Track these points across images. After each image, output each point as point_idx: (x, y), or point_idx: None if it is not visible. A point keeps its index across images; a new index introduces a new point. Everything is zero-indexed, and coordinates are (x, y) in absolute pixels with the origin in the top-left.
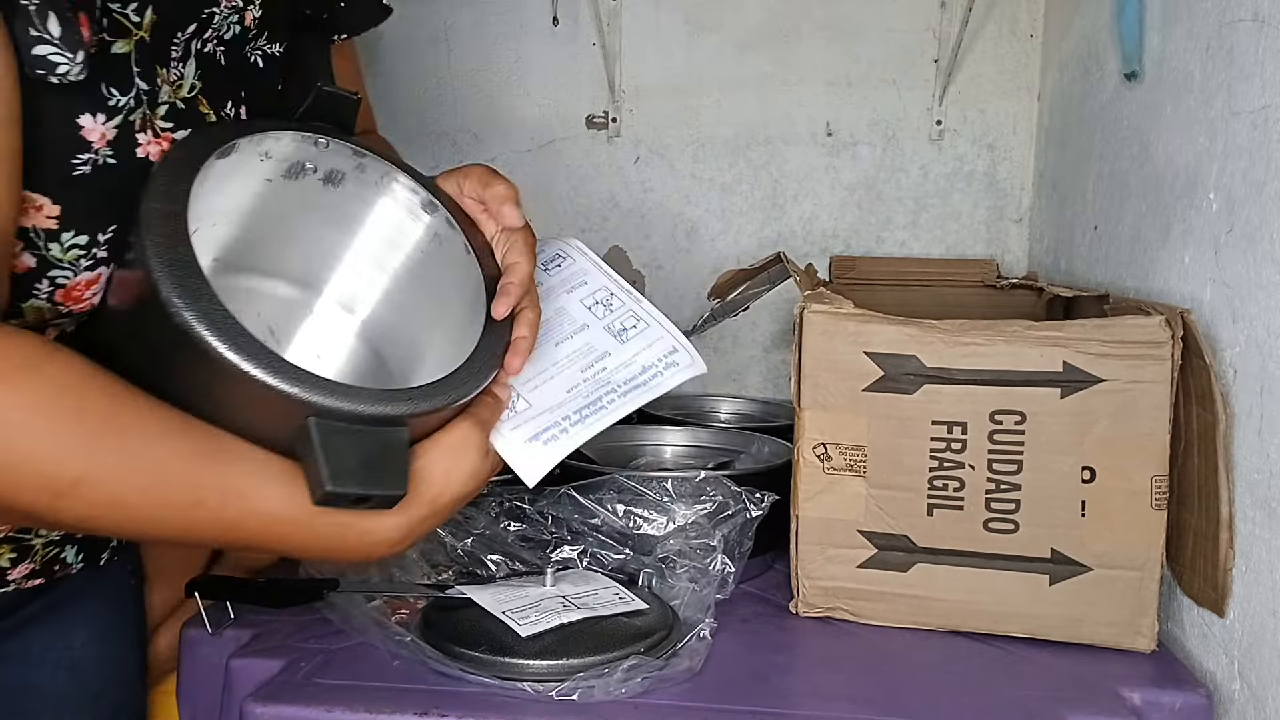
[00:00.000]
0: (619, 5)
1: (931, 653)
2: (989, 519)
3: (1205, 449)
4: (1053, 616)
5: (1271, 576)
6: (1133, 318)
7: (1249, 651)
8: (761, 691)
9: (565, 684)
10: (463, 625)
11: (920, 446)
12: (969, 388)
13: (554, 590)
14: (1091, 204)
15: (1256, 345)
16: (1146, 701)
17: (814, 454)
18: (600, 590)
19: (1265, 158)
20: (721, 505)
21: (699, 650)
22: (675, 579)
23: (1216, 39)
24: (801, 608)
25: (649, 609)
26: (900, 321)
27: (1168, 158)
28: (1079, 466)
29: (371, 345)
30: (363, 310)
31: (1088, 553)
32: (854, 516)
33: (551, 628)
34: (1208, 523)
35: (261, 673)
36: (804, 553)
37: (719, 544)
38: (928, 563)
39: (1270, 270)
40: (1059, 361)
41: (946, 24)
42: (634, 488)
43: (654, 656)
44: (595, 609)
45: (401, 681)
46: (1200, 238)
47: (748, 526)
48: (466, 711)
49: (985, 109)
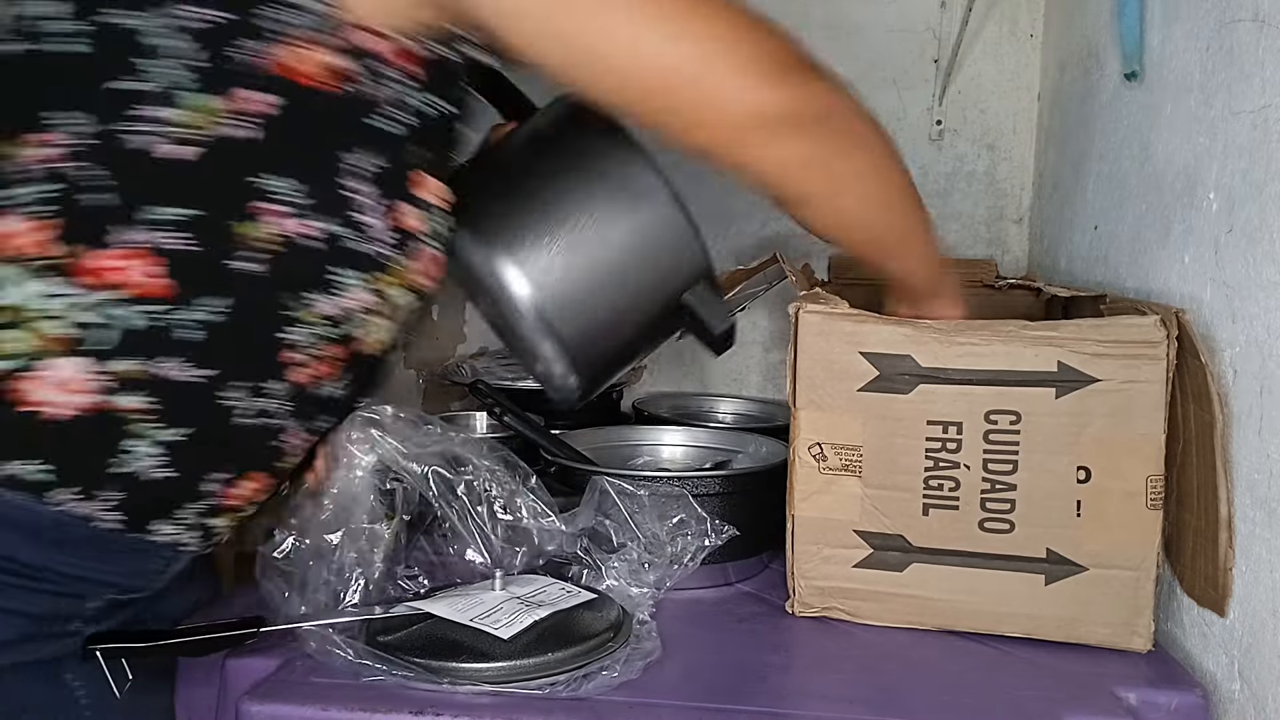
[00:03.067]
0: None
1: (928, 652)
2: (984, 519)
3: (1203, 449)
4: (1049, 616)
5: (1271, 576)
6: (1128, 317)
7: (1249, 651)
8: (759, 691)
9: (561, 676)
10: (429, 639)
11: (915, 446)
12: (964, 388)
13: (506, 593)
14: (1091, 204)
15: (1256, 345)
16: (1143, 701)
17: (809, 454)
18: (547, 587)
19: (1265, 158)
20: (682, 524)
21: (653, 632)
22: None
23: (1216, 39)
24: (797, 607)
25: (598, 599)
26: (895, 321)
27: (1168, 158)
28: (1074, 466)
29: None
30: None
31: (1083, 553)
32: (850, 516)
33: (526, 626)
34: (1207, 523)
35: (257, 671)
36: (800, 552)
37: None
38: (923, 563)
39: (1270, 270)
40: (1054, 361)
41: (946, 24)
42: (605, 490)
43: (621, 643)
44: (555, 604)
45: (397, 681)
46: (1200, 238)
47: (699, 551)
48: (461, 711)
49: (985, 109)
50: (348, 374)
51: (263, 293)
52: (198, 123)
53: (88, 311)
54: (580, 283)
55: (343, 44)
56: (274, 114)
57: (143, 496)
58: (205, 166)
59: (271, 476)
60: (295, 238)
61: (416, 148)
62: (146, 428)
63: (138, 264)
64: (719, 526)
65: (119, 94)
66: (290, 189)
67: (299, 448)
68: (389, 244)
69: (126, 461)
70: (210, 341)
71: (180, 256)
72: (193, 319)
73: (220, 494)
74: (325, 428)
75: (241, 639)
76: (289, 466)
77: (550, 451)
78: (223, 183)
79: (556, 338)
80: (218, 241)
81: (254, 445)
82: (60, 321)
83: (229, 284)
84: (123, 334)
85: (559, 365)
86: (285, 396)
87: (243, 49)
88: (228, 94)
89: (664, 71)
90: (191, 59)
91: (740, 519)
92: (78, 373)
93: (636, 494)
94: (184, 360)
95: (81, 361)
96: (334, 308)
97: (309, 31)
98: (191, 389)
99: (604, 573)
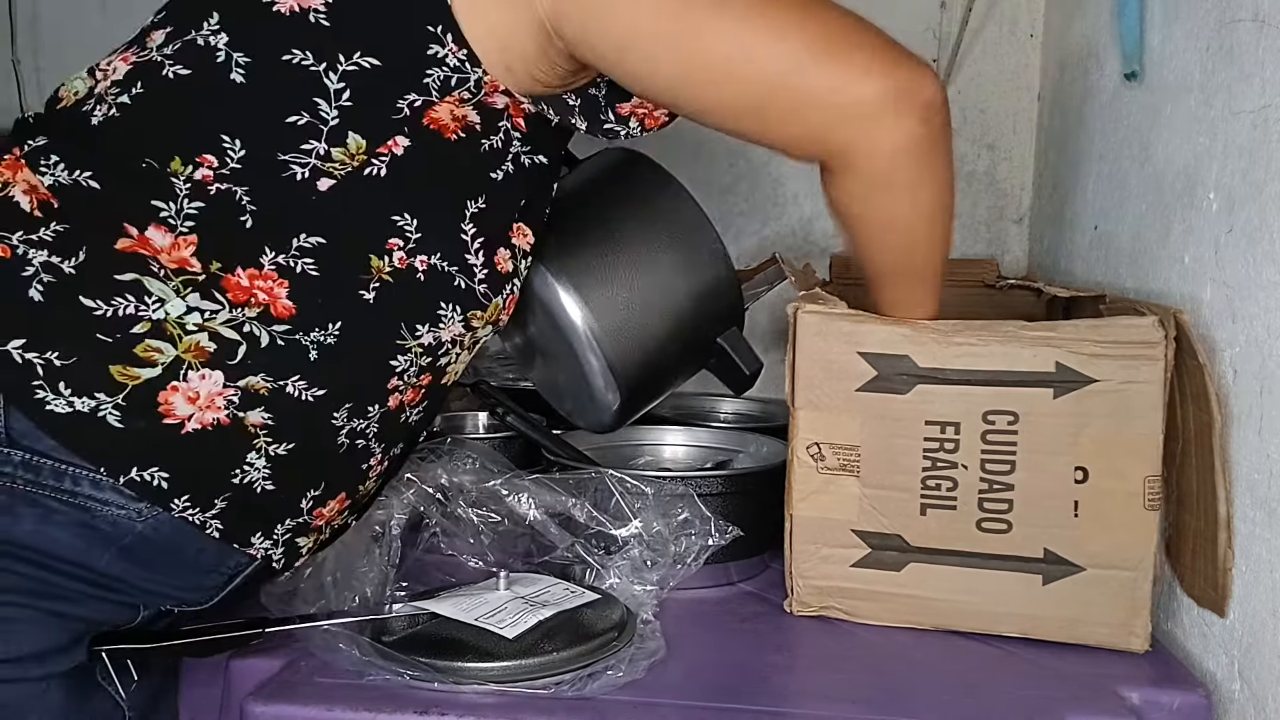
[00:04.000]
0: None
1: (931, 653)
2: (982, 519)
3: (1202, 449)
4: (1046, 617)
5: (1271, 576)
6: (1126, 318)
7: (1249, 651)
8: (762, 691)
9: (566, 676)
10: (434, 639)
11: (914, 446)
12: (962, 388)
13: (510, 593)
14: (1091, 204)
15: (1256, 345)
16: (1145, 701)
17: (808, 454)
18: (551, 587)
19: (1265, 158)
20: (686, 523)
21: (657, 632)
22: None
23: (1216, 39)
24: (796, 607)
25: (602, 598)
26: (893, 321)
27: (1168, 158)
28: (1072, 467)
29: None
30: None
31: (1081, 553)
32: (848, 516)
33: (531, 626)
34: (1206, 523)
35: (261, 672)
36: (798, 552)
37: (670, 555)
38: (921, 562)
39: (1270, 270)
40: (1052, 362)
41: (946, 24)
42: (609, 488)
43: (625, 642)
44: (559, 604)
45: (401, 681)
46: (1200, 238)
47: (703, 551)
48: (466, 711)
49: (985, 109)
50: (424, 400)
51: (380, 321)
52: (345, 159)
53: (225, 327)
54: (634, 313)
55: (473, 98)
56: (400, 154)
57: (249, 508)
58: (338, 198)
59: (350, 498)
60: (408, 271)
61: (518, 196)
62: (265, 442)
63: (268, 286)
64: (723, 526)
65: (290, 129)
66: (417, 228)
67: (378, 471)
68: (489, 284)
69: (246, 473)
70: (329, 363)
71: (306, 282)
72: (313, 340)
73: (312, 511)
74: (399, 454)
75: (246, 639)
76: (366, 490)
77: (552, 451)
78: (359, 215)
79: (605, 356)
80: (350, 270)
81: (347, 466)
82: (203, 334)
83: (352, 311)
84: (253, 350)
85: (601, 379)
86: (377, 419)
87: (410, 102)
88: (382, 139)
89: (776, 68)
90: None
91: (742, 518)
92: (213, 386)
93: (641, 491)
94: (301, 379)
95: (217, 375)
96: (432, 339)
97: (458, 90)
98: (306, 407)
99: (607, 572)
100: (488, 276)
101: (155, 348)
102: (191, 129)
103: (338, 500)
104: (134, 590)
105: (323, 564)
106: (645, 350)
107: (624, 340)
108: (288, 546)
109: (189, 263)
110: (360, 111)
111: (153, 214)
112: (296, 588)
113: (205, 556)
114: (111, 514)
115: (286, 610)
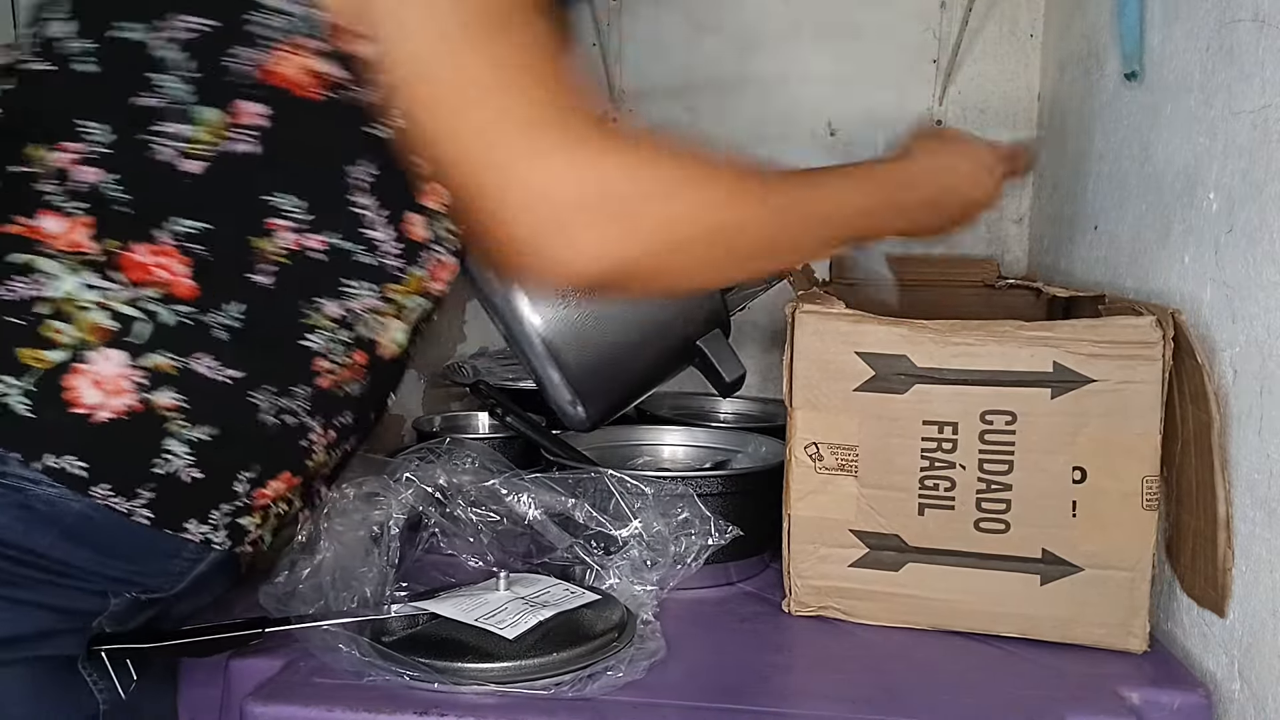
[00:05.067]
0: (619, 5)
1: (931, 653)
2: (980, 519)
3: (1201, 449)
4: (1044, 617)
5: (1271, 576)
6: (1124, 318)
7: (1249, 651)
8: (762, 691)
9: (566, 676)
10: (434, 639)
11: (911, 446)
12: (960, 388)
13: (510, 593)
14: (1091, 204)
15: (1256, 345)
16: (1145, 701)
17: (806, 454)
18: (551, 587)
19: (1265, 158)
20: (686, 522)
21: (657, 632)
22: (614, 573)
23: (1216, 39)
24: (794, 606)
25: (602, 599)
26: (891, 321)
27: (1168, 158)
28: (1070, 467)
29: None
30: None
31: (1079, 553)
32: (846, 516)
33: (531, 626)
34: (1206, 523)
35: (261, 672)
36: (796, 552)
37: (669, 556)
38: (919, 562)
39: (1270, 270)
40: (1049, 362)
41: (946, 24)
42: (608, 488)
43: (625, 643)
44: (559, 604)
45: (401, 681)
46: (1200, 237)
47: (703, 551)
48: (466, 711)
49: (985, 109)
50: (367, 377)
51: (283, 303)
52: (207, 137)
53: (125, 305)
54: (596, 322)
55: (326, 48)
56: (267, 125)
57: (177, 495)
58: (214, 180)
59: (299, 475)
60: (306, 252)
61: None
62: (179, 427)
63: (168, 263)
64: (722, 526)
65: (141, 110)
66: (295, 204)
67: (324, 444)
68: (400, 255)
69: (169, 463)
70: (241, 346)
71: (203, 263)
72: (219, 322)
73: (251, 494)
74: (347, 424)
75: (246, 639)
76: (316, 464)
77: (551, 451)
78: (234, 197)
79: (563, 368)
80: (235, 253)
81: (283, 445)
82: (102, 313)
83: (247, 293)
84: (156, 329)
85: (566, 393)
86: (307, 398)
87: (238, 58)
88: (229, 107)
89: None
90: (187, 71)
91: (741, 518)
92: (117, 367)
93: (641, 491)
94: (214, 359)
95: (119, 355)
96: (342, 310)
97: (292, 36)
98: (221, 389)
99: (607, 572)
100: (398, 248)
101: (56, 328)
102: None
103: (281, 480)
104: (91, 576)
105: (322, 564)
106: (613, 361)
107: (586, 352)
108: (230, 529)
109: (83, 244)
110: (198, 82)
111: (40, 200)
112: (296, 588)
113: (146, 541)
114: (45, 493)
115: (286, 610)
